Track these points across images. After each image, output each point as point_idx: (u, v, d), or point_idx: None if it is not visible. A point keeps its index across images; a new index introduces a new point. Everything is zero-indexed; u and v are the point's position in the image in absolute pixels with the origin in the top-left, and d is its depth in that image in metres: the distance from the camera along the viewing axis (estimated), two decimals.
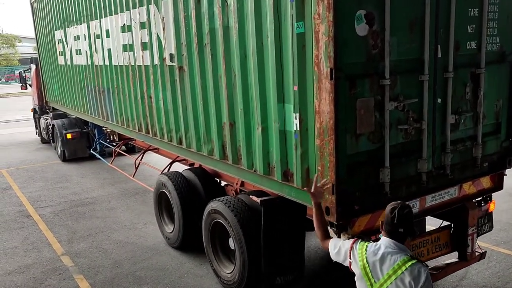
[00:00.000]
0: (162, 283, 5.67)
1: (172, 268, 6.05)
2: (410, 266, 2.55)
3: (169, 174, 6.52)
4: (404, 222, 2.65)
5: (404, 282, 2.53)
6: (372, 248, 2.73)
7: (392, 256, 2.62)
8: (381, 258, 2.64)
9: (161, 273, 5.93)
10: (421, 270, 2.55)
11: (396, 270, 2.57)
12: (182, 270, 5.98)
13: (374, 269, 2.65)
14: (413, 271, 2.54)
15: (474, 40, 4.36)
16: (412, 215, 2.73)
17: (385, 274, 2.60)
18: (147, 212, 8.20)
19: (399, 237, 2.68)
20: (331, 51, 3.44)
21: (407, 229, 2.68)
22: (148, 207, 8.51)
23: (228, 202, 5.10)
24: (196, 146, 5.68)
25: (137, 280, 5.78)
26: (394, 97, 3.87)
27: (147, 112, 6.85)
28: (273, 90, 4.13)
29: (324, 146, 3.65)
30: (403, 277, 2.53)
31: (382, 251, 2.66)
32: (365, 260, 2.70)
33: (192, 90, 5.47)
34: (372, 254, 2.69)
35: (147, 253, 6.56)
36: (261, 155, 4.47)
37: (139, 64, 6.79)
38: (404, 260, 2.58)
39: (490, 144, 4.73)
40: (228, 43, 4.64)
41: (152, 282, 5.71)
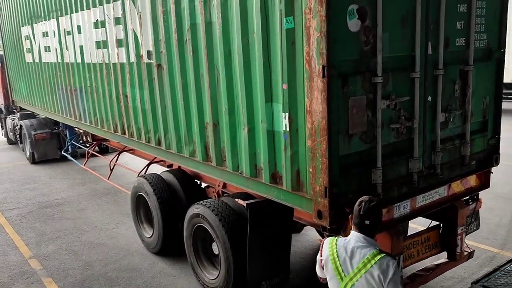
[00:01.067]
0: (134, 284, 5.56)
1: (144, 268, 5.95)
2: (379, 259, 2.59)
3: (147, 177, 6.25)
4: (370, 214, 2.69)
5: (373, 276, 2.57)
6: (342, 242, 2.75)
7: (361, 250, 2.65)
8: (351, 252, 2.66)
9: (133, 274, 5.82)
10: (389, 264, 2.59)
11: (365, 264, 2.60)
12: (155, 270, 5.90)
13: (344, 263, 2.67)
14: (382, 264, 2.57)
15: (462, 37, 4.29)
16: (379, 208, 2.76)
17: (355, 268, 2.63)
18: (119, 212, 8.08)
19: (367, 230, 2.71)
20: (323, 47, 3.28)
21: (373, 221, 2.71)
22: (120, 207, 8.38)
23: (211, 205, 4.89)
24: (177, 147, 5.44)
25: (109, 281, 5.65)
26: (386, 96, 3.75)
27: (123, 112, 6.56)
28: (260, 89, 3.94)
29: (316, 147, 3.49)
30: (372, 271, 2.57)
31: (352, 246, 2.69)
32: (335, 254, 2.71)
33: (172, 89, 5.22)
34: (342, 248, 2.72)
35: (119, 253, 6.42)
36: (247, 156, 4.28)
37: (114, 62, 6.48)
38: (373, 254, 2.62)
39: (478, 142, 4.68)
40: (211, 39, 4.42)
41: (124, 283, 5.60)
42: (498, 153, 4.87)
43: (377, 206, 2.76)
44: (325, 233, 3.67)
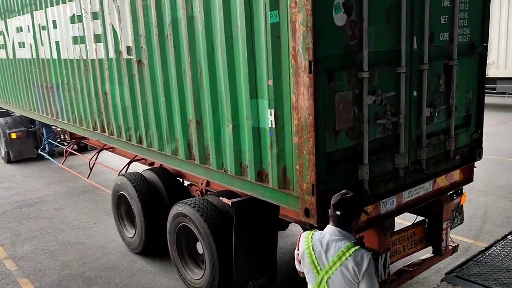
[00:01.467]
0: (113, 283, 5.50)
1: (123, 267, 5.89)
2: (354, 252, 2.61)
3: (128, 175, 6.11)
4: (341, 205, 2.71)
5: (348, 268, 2.59)
6: (318, 236, 2.77)
7: (336, 243, 2.67)
8: (326, 245, 2.69)
9: (112, 273, 5.75)
10: (363, 256, 2.61)
11: (340, 256, 2.62)
12: (133, 268, 5.85)
13: (320, 257, 2.70)
14: (356, 257, 2.60)
15: (446, 31, 4.27)
16: (353, 200, 2.77)
17: (330, 261, 2.65)
18: (97, 210, 8.00)
19: (340, 222, 2.73)
20: (309, 42, 3.20)
21: (345, 213, 2.72)
22: (98, 205, 8.29)
23: (195, 204, 4.79)
24: (158, 145, 5.31)
25: (87, 281, 5.58)
26: (372, 91, 3.71)
27: (102, 109, 6.38)
28: (245, 85, 3.85)
29: (303, 144, 3.43)
30: (347, 263, 2.59)
31: (327, 239, 2.71)
32: (311, 248, 2.74)
33: (153, 85, 5.09)
34: (318, 242, 2.73)
35: (97, 252, 6.34)
36: (232, 154, 4.20)
37: (92, 57, 6.29)
38: (348, 246, 2.64)
39: (462, 137, 4.69)
40: (193, 34, 4.31)
41: (103, 282, 5.54)
42: (481, 148, 4.89)
43: (351, 198, 2.76)
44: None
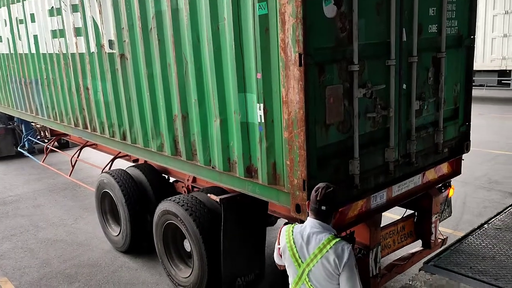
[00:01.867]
0: (94, 279, 5.45)
1: (105, 263, 5.82)
2: (334, 244, 2.62)
3: (112, 173, 5.96)
4: (327, 201, 2.71)
5: (329, 260, 2.60)
6: (299, 229, 2.77)
7: (317, 236, 2.68)
8: (307, 238, 2.69)
9: (93, 269, 5.69)
10: (344, 248, 2.61)
11: (321, 249, 2.63)
12: (115, 265, 5.78)
13: (301, 250, 2.70)
14: (337, 249, 2.60)
15: (435, 23, 4.24)
16: (335, 195, 2.77)
17: (311, 254, 2.65)
18: (78, 207, 7.89)
19: (323, 216, 2.73)
20: (299, 34, 3.12)
21: (329, 207, 2.73)
22: (79, 201, 8.19)
23: (182, 201, 4.68)
24: (143, 141, 5.18)
25: (68, 278, 5.51)
26: (362, 84, 3.65)
27: (84, 105, 6.21)
28: (233, 79, 3.76)
29: (294, 139, 3.35)
30: (328, 256, 2.60)
31: (308, 232, 2.71)
32: (292, 241, 2.73)
33: (137, 80, 4.95)
34: (298, 235, 2.73)
35: (78, 249, 6.26)
36: (220, 149, 4.10)
37: (72, 52, 6.11)
38: (329, 239, 2.65)
39: (450, 130, 4.67)
40: (178, 27, 4.18)
41: (84, 279, 5.47)
42: (468, 140, 4.89)
43: (334, 192, 2.76)
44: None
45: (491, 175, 8.48)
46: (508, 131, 11.99)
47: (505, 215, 4.18)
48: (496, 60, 15.83)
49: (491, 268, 3.14)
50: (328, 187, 2.77)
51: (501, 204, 5.89)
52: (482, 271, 3.12)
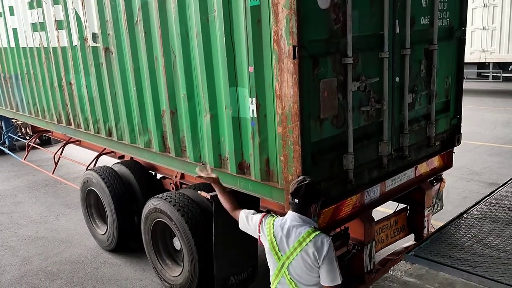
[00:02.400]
0: (77, 276, 5.37)
1: (87, 260, 5.75)
2: (314, 237, 2.62)
3: (98, 170, 5.80)
4: (298, 193, 2.70)
5: (309, 253, 2.60)
6: (279, 222, 2.77)
7: (297, 229, 2.68)
8: (287, 232, 2.69)
9: (75, 266, 5.62)
10: (324, 241, 2.62)
11: (301, 242, 2.63)
12: (98, 261, 5.71)
13: (281, 243, 2.70)
14: (316, 242, 2.60)
15: (427, 15, 4.19)
16: (309, 187, 2.74)
17: (291, 247, 2.65)
18: (59, 203, 7.75)
19: (299, 208, 2.73)
20: (293, 26, 3.02)
21: (304, 200, 2.72)
22: (60, 198, 8.04)
23: (171, 199, 4.56)
24: (130, 137, 5.04)
25: (49, 276, 5.42)
26: (356, 77, 3.57)
27: (67, 100, 6.02)
28: (224, 72, 3.64)
29: (288, 134, 3.26)
30: (307, 249, 2.60)
31: (288, 225, 2.71)
32: (272, 235, 2.73)
33: (122, 74, 4.80)
34: (278, 228, 2.74)
35: (59, 246, 6.16)
36: (210, 145, 3.99)
37: (54, 45, 5.91)
38: (309, 232, 2.65)
39: (441, 123, 4.64)
40: (165, 19, 4.04)
41: (66, 276, 5.39)
42: (459, 133, 4.87)
43: (307, 185, 2.73)
44: None
45: (470, 166, 8.54)
46: (487, 123, 12.12)
47: (483, 204, 4.25)
48: (476, 53, 15.98)
49: (469, 257, 3.19)
50: (303, 180, 2.76)
51: (480, 194, 5.91)
52: (461, 260, 3.16)
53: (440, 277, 3.00)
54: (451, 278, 2.98)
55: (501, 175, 7.87)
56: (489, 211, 4.05)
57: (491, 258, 3.16)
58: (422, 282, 3.01)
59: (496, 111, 13.64)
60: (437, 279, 2.99)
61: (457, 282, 2.93)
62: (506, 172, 7.99)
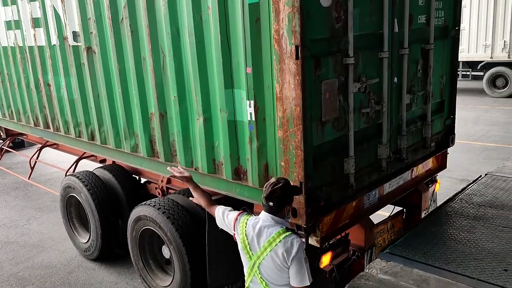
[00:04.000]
0: (49, 281, 5.23)
1: (60, 264, 5.62)
2: (284, 238, 2.61)
3: (79, 175, 5.53)
4: (273, 197, 2.67)
5: (278, 254, 2.59)
6: (252, 221, 2.76)
7: (268, 229, 2.67)
8: (259, 231, 2.69)
9: (48, 271, 5.47)
10: (293, 242, 2.60)
11: (271, 242, 2.62)
12: (71, 265, 5.59)
13: (252, 243, 2.70)
14: (286, 242, 2.59)
15: (424, 14, 4.09)
16: (283, 190, 2.69)
17: (261, 247, 2.65)
18: (30, 207, 7.52)
19: (273, 211, 2.71)
20: (296, 25, 2.86)
21: (277, 203, 2.69)
22: (31, 201, 7.80)
23: (160, 206, 4.34)
24: (115, 141, 4.79)
25: (21, 281, 5.27)
26: (357, 78, 3.44)
27: (45, 102, 5.71)
28: (218, 74, 3.46)
29: (289, 138, 3.10)
30: (277, 249, 2.59)
31: (260, 225, 2.70)
32: (244, 234, 2.74)
33: (106, 75, 4.55)
34: (251, 227, 2.73)
35: (31, 251, 5.98)
36: (203, 150, 3.80)
37: (30, 45, 5.60)
38: (279, 232, 2.64)
39: (436, 123, 4.57)
40: (154, 18, 3.83)
41: (38, 281, 5.25)
42: (453, 134, 4.81)
43: (281, 188, 2.68)
44: (301, 232, 3.32)
45: None
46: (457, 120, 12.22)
47: (455, 201, 4.32)
48: None
49: (442, 253, 3.27)
50: (277, 182, 2.71)
51: (452, 190, 5.93)
52: (434, 256, 3.24)
53: (415, 274, 3.04)
54: (425, 275, 3.02)
55: (472, 172, 7.97)
56: (461, 207, 4.14)
57: (463, 254, 3.27)
58: (397, 279, 3.01)
59: (466, 109, 13.82)
60: (412, 276, 3.03)
61: (430, 278, 2.97)
62: (476, 169, 8.08)
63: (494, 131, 10.62)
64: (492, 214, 3.91)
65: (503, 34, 14.31)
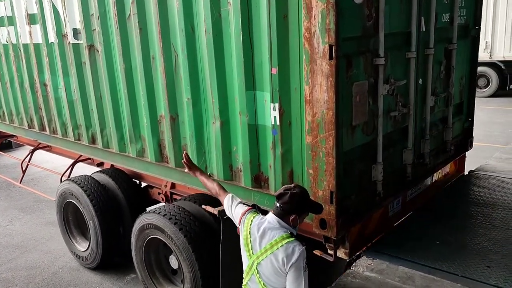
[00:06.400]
0: (33, 283, 5.10)
1: (44, 265, 5.48)
2: (286, 243, 2.55)
3: (77, 180, 5.21)
4: (282, 200, 2.62)
5: (278, 258, 2.55)
6: (258, 221, 2.71)
7: (272, 232, 2.62)
8: (263, 232, 2.64)
9: (31, 272, 5.33)
10: (295, 249, 2.54)
11: (272, 245, 2.58)
12: (56, 266, 5.45)
13: (254, 242, 2.66)
14: (287, 248, 2.54)
15: (447, 12, 3.92)
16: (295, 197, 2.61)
17: (262, 248, 2.62)
18: (13, 207, 7.32)
19: (278, 212, 2.65)
20: (330, 22, 2.65)
21: (285, 207, 2.62)
22: (14, 201, 7.52)
23: (168, 213, 4.07)
24: (118, 145, 4.52)
25: (4, 283, 5.17)
26: (386, 80, 3.24)
27: (40, 103, 5.41)
28: (239, 75, 3.22)
29: (319, 145, 2.89)
30: (277, 253, 2.55)
31: (264, 226, 2.66)
32: (248, 231, 2.69)
33: (111, 75, 4.28)
34: (256, 227, 2.68)
35: (14, 252, 5.83)
36: (219, 155, 3.56)
37: (25, 42, 5.29)
38: (282, 237, 2.58)
39: (456, 126, 4.41)
40: (165, 14, 3.58)
41: (22, 283, 5.11)
42: (472, 137, 4.67)
43: (293, 195, 2.60)
44: (330, 245, 3.12)
45: None
46: None
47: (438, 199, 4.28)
48: None
49: (427, 251, 3.31)
50: (291, 188, 2.63)
51: None
52: (419, 254, 3.28)
53: (400, 271, 3.08)
54: (410, 272, 3.06)
55: None
56: (444, 205, 4.12)
57: (447, 251, 3.30)
58: (383, 276, 3.04)
59: None
60: (397, 273, 3.06)
61: (416, 275, 3.03)
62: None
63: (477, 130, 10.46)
64: (475, 212, 3.94)
65: (484, 35, 14.34)
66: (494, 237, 3.48)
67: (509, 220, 3.75)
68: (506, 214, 3.87)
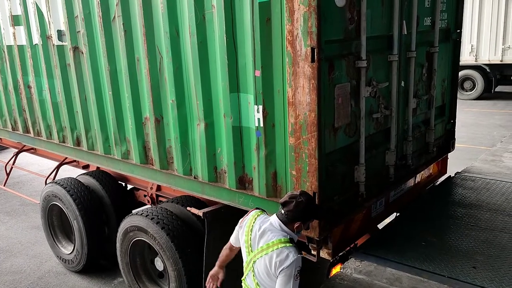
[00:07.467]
0: (19, 287, 5.06)
1: (30, 270, 5.45)
2: (282, 247, 2.57)
3: (62, 182, 5.19)
4: (287, 207, 2.64)
5: (271, 261, 2.57)
6: (261, 219, 2.74)
7: (271, 233, 2.65)
8: (263, 231, 2.67)
9: (17, 277, 5.30)
10: (289, 255, 2.54)
11: (269, 246, 2.61)
12: (42, 270, 5.44)
13: (254, 239, 2.69)
14: (282, 253, 2.55)
15: (429, 16, 3.99)
16: (300, 206, 2.62)
17: (260, 246, 2.65)
18: None
19: (282, 218, 2.67)
20: (312, 25, 2.69)
21: (289, 214, 2.64)
22: None
23: (153, 216, 4.08)
24: (103, 148, 4.51)
25: None
26: (368, 82, 3.29)
27: (24, 105, 5.36)
28: (223, 77, 3.24)
29: (302, 146, 2.92)
30: (272, 255, 2.57)
31: (266, 226, 2.69)
32: (250, 228, 2.72)
33: (95, 77, 4.27)
34: (258, 225, 2.71)
35: None
36: (204, 157, 3.58)
37: (9, 44, 5.25)
38: (280, 240, 2.60)
39: (438, 128, 4.48)
40: (150, 16, 3.59)
41: (7, 287, 5.09)
42: (454, 138, 4.74)
43: (298, 203, 2.61)
44: (313, 245, 3.14)
45: None
46: None
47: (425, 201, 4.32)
48: None
49: (414, 252, 3.34)
50: (297, 196, 2.64)
51: None
52: (407, 255, 3.31)
53: (388, 273, 3.10)
54: (397, 273, 3.09)
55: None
56: (431, 207, 4.16)
57: (434, 252, 3.33)
58: (370, 278, 3.06)
59: None
60: (385, 275, 3.09)
61: (403, 276, 3.05)
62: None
63: (462, 132, 10.67)
64: (461, 213, 3.99)
65: (470, 38, 14.55)
66: (479, 238, 3.52)
67: (494, 222, 3.79)
68: (491, 215, 3.91)
